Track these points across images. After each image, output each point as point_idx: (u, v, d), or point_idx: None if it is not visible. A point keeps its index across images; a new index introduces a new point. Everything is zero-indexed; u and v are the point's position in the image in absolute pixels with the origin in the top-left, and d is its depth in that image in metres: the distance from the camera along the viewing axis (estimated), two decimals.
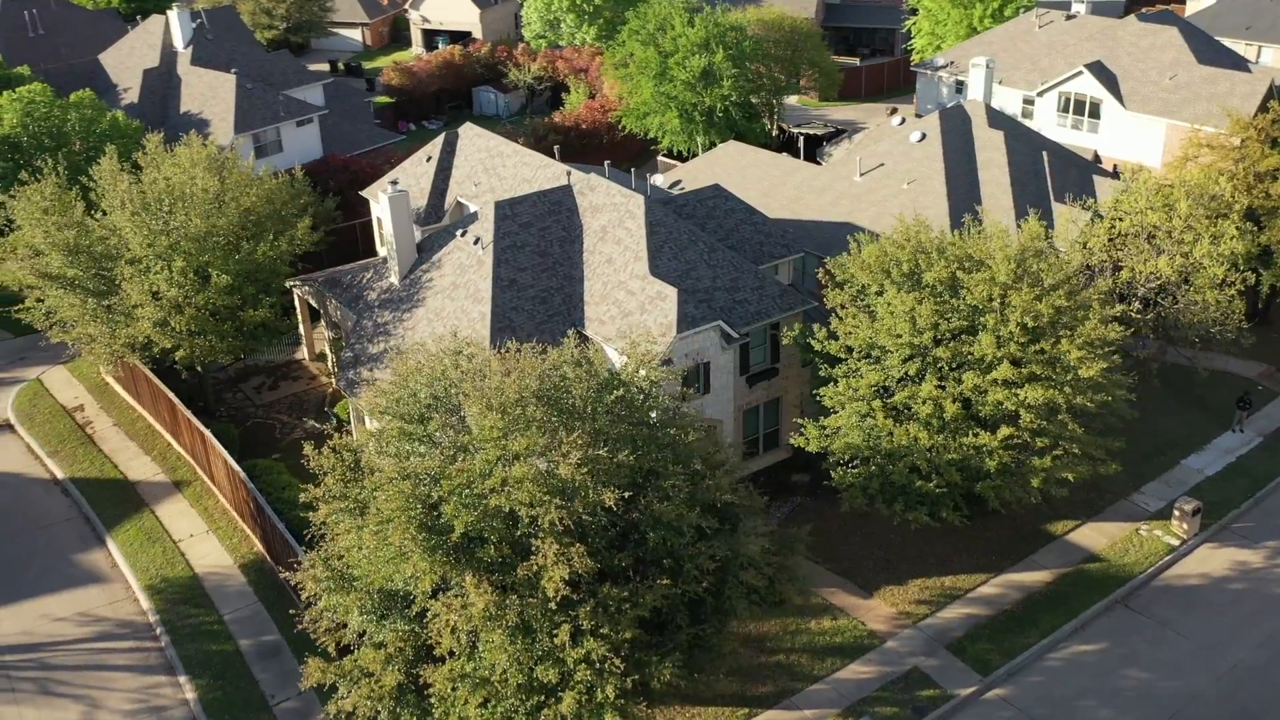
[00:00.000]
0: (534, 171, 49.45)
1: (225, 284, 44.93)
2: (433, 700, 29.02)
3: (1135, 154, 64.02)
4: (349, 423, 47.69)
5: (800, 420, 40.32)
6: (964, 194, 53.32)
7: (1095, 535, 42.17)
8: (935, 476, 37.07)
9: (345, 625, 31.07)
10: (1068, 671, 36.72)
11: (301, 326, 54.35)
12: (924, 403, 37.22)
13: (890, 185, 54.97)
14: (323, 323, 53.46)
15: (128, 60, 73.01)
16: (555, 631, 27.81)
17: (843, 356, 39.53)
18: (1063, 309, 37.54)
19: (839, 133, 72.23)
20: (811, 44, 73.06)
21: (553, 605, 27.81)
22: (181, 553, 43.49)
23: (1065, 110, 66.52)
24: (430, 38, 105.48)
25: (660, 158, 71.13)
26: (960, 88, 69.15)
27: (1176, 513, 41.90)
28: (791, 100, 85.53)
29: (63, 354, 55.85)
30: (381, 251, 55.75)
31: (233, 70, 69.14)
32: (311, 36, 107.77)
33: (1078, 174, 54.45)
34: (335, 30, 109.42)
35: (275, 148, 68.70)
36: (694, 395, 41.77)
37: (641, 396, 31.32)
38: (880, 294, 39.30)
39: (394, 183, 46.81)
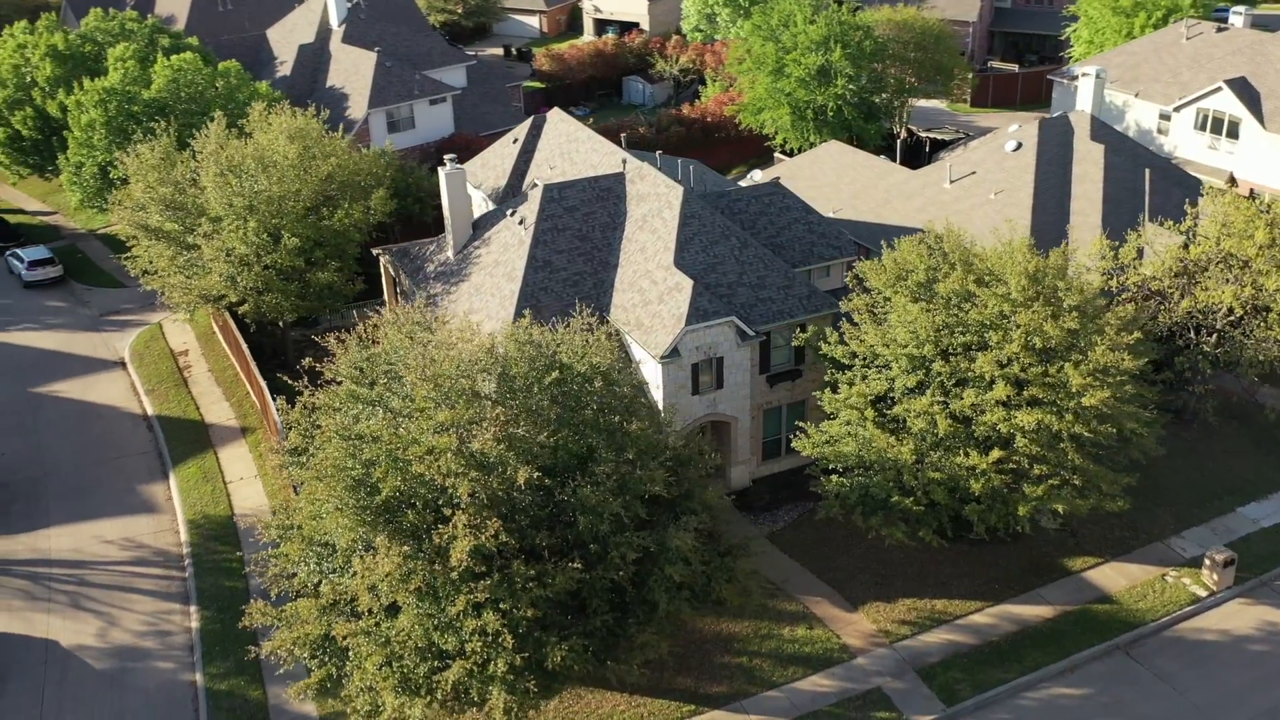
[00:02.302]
0: (601, 158, 50.13)
1: (294, 245, 47.72)
2: (350, 655, 30.34)
3: (1276, 179, 59.01)
4: None
5: (802, 424, 39.60)
6: (1052, 208, 50.76)
7: (1115, 576, 39.61)
8: (919, 494, 35.77)
9: (295, 574, 32.79)
10: (1040, 713, 34.83)
11: (386, 292, 56.88)
12: (917, 416, 35.98)
13: (978, 194, 52.90)
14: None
15: (289, 35, 77.91)
16: (456, 600, 28.59)
17: (849, 363, 38.61)
18: (1077, 332, 35.49)
19: (967, 138, 69.65)
20: (944, 47, 70.57)
21: (455, 575, 28.59)
22: (228, 493, 46.57)
23: (1202, 128, 61.91)
24: (601, 27, 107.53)
25: (776, 154, 70.49)
26: None
27: (1207, 562, 38.88)
28: (939, 105, 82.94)
29: None
30: None
31: (376, 49, 72.67)
32: (490, 21, 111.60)
33: (1182, 195, 50.85)
34: (515, 16, 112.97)
35: (408, 124, 71.90)
36: (706, 389, 41.67)
37: (580, 381, 31.53)
38: (889, 301, 38.15)
39: (453, 158, 48.42)
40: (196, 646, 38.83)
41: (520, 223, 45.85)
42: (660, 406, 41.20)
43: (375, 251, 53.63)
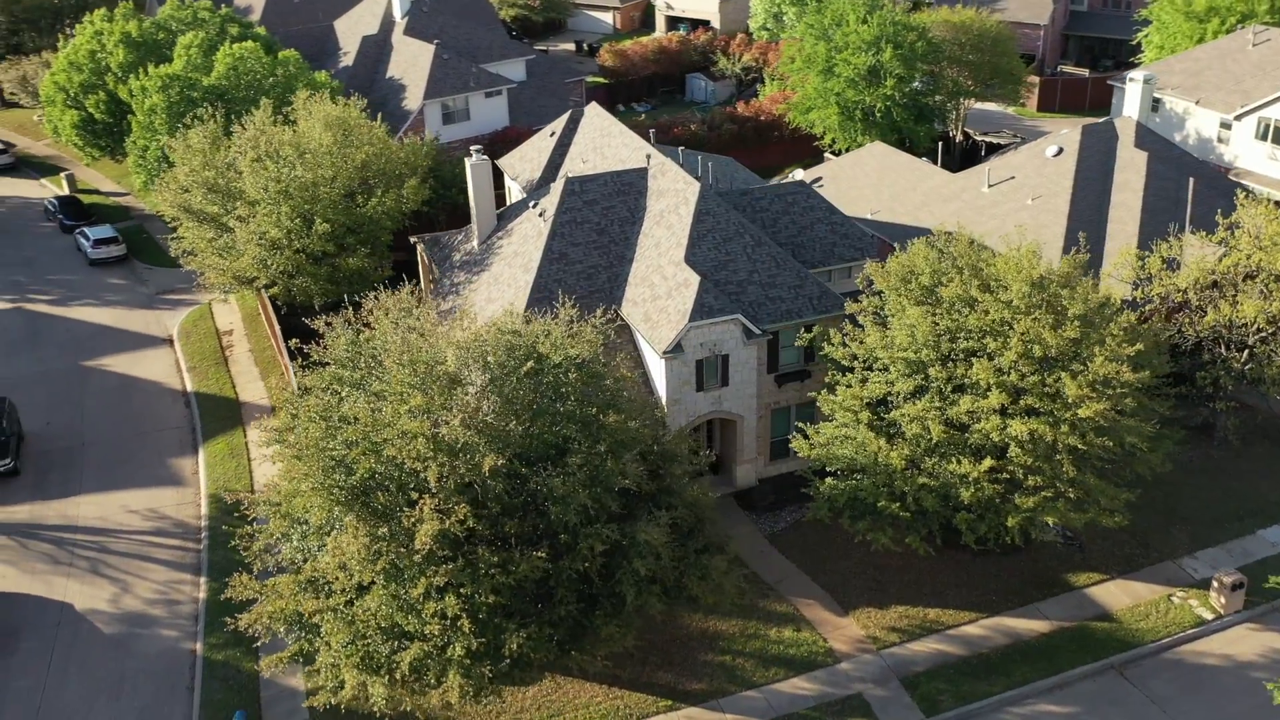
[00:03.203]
0: (631, 153, 50.26)
1: (324, 231, 48.81)
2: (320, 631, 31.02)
3: None
4: None
5: (802, 424, 39.31)
6: (1089, 216, 49.52)
7: (1119, 593, 38.57)
8: (909, 500, 35.28)
9: (280, 550, 33.61)
10: None
11: (422, 279, 57.82)
12: (912, 421, 35.49)
13: (1015, 199, 51.85)
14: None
15: (354, 27, 79.50)
16: (418, 582, 29.04)
17: (851, 365, 38.21)
18: (1080, 342, 34.64)
19: (1022, 143, 68.15)
20: (1002, 50, 69.09)
21: (418, 558, 29.04)
22: (250, 469, 47.84)
23: (1264, 138, 59.60)
24: (673, 24, 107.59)
25: (827, 154, 69.85)
26: (1156, 105, 63.50)
27: (1215, 584, 37.63)
28: (1004, 109, 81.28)
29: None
30: None
31: (435, 41, 73.74)
32: (563, 17, 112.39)
33: (1230, 206, 49.14)
34: (589, 12, 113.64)
35: (462, 116, 72.80)
36: (711, 386, 41.59)
37: (557, 371, 31.71)
38: (882, 303, 37.68)
39: (478, 149, 49.00)
40: (201, 616, 39.99)
41: (541, 215, 46.27)
42: (663, 401, 41.35)
43: (413, 240, 54.55)
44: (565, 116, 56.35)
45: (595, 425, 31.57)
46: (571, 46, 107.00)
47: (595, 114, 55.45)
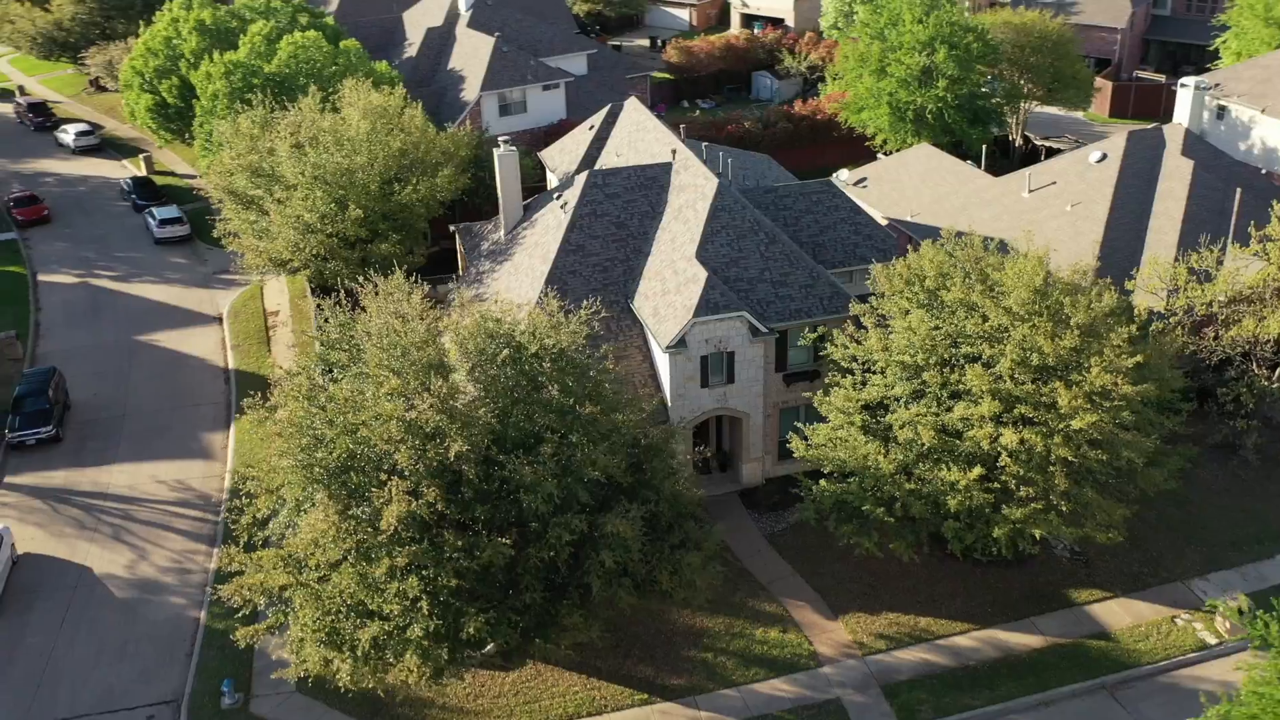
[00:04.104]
0: (661, 148, 50.19)
1: (357, 216, 49.79)
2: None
3: None
4: None
5: (801, 425, 38.96)
6: (1128, 224, 48.13)
7: (1120, 612, 37.47)
8: (895, 506, 34.76)
9: (268, 524, 34.44)
10: None
11: (460, 266, 58.61)
12: (904, 426, 34.96)
13: (1054, 205, 50.63)
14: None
15: (421, 19, 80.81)
16: (381, 562, 29.55)
17: (851, 367, 37.76)
18: (1081, 351, 33.75)
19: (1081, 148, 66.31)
20: (1064, 53, 67.20)
21: (383, 538, 29.54)
22: None
23: None
24: (748, 21, 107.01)
25: (880, 155, 68.85)
26: (1222, 112, 61.22)
27: (1221, 608, 36.30)
28: (1076, 114, 79.16)
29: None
30: None
31: (496, 34, 74.57)
32: (638, 13, 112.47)
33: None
34: (666, 9, 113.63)
35: (519, 108, 73.53)
36: (716, 382, 41.45)
37: (534, 361, 31.92)
38: (887, 305, 37.13)
39: (506, 140, 49.46)
40: (209, 586, 41.16)
41: (563, 206, 46.57)
42: (667, 396, 41.36)
43: (452, 228, 55.40)
44: (604, 111, 56.60)
45: (571, 416, 31.73)
46: (646, 42, 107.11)
47: (633, 109, 55.56)
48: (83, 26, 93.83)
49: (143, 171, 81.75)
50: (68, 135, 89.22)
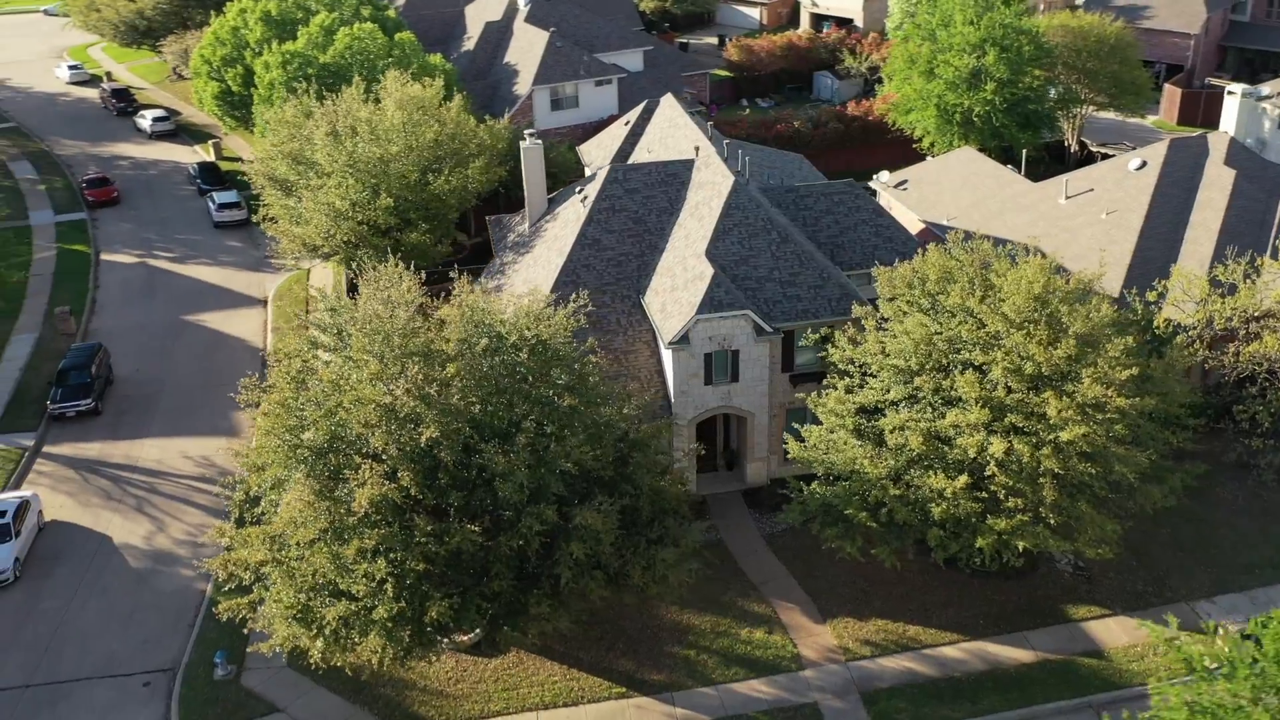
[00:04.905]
0: (689, 144, 50.22)
1: (387, 205, 50.64)
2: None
3: None
4: None
5: (797, 425, 38.65)
6: (1163, 234, 46.81)
7: (1117, 631, 36.49)
8: (881, 511, 34.33)
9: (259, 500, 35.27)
10: None
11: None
12: (894, 431, 34.51)
13: (1089, 213, 49.46)
14: None
15: (481, 12, 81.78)
16: (351, 543, 30.08)
17: (849, 370, 37.36)
18: (1078, 360, 32.95)
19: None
20: (1123, 58, 65.34)
21: (351, 520, 30.06)
22: None
23: None
24: (818, 21, 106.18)
25: (929, 157, 67.82)
26: None
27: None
28: (1145, 121, 77.07)
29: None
30: None
31: (550, 29, 75.12)
32: (706, 10, 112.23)
33: None
34: (736, 7, 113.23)
35: (571, 103, 73.99)
36: (720, 380, 41.32)
37: (512, 351, 32.17)
38: (888, 309, 36.65)
39: (531, 133, 49.84)
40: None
41: (583, 200, 46.81)
42: (671, 392, 41.36)
43: (488, 220, 56.00)
44: (640, 107, 56.72)
45: (549, 406, 31.94)
46: (715, 40, 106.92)
47: (668, 106, 55.59)
48: (163, 15, 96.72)
49: (212, 157, 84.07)
50: (145, 120, 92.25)
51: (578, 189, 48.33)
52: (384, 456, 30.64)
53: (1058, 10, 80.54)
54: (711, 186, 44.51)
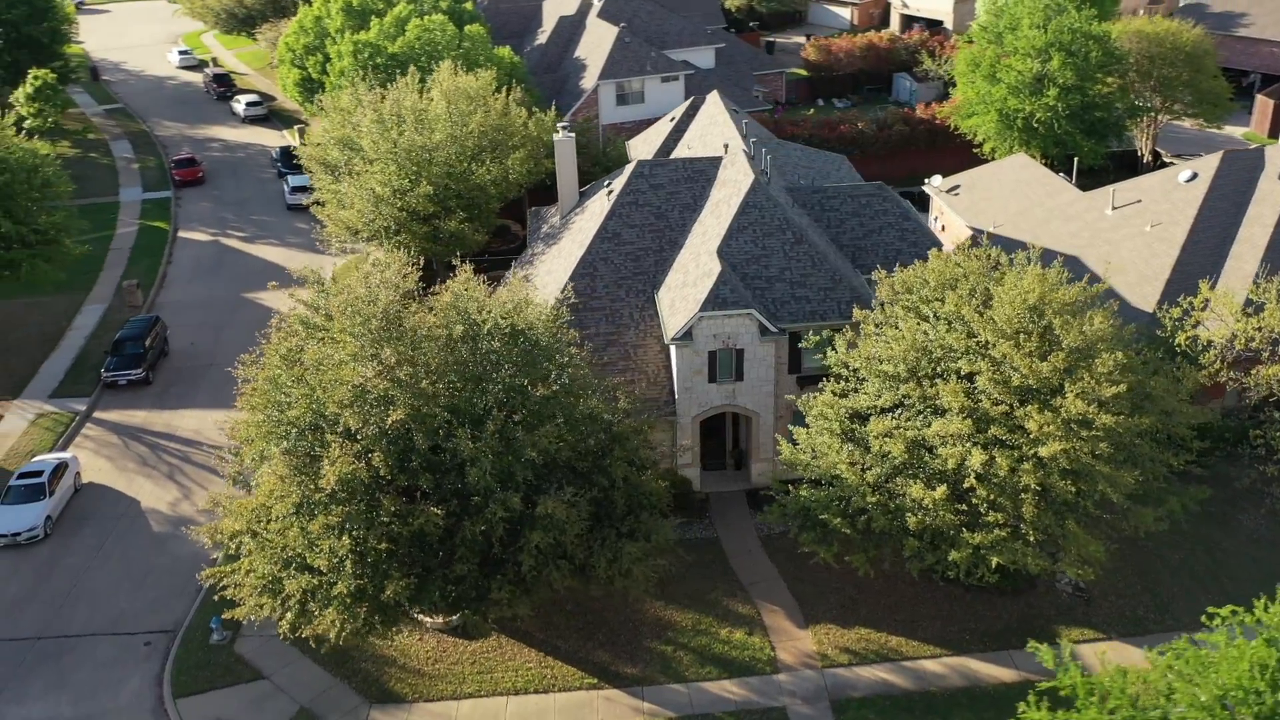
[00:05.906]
0: (723, 142, 50.09)
1: (427, 192, 51.62)
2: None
3: None
4: None
5: (792, 427, 38.26)
6: (1207, 249, 45.04)
7: (1112, 654, 35.12)
8: (859, 517, 33.81)
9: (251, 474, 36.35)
10: None
11: None
12: (876, 437, 33.96)
13: (1134, 225, 47.83)
14: None
15: (557, 7, 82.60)
16: (317, 519, 30.87)
17: (843, 373, 36.86)
18: (1071, 373, 32.00)
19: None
20: (1198, 66, 62.69)
21: (321, 496, 30.84)
22: None
23: None
24: (908, 22, 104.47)
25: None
26: None
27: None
28: (1236, 132, 73.98)
29: None
30: None
31: (620, 24, 75.48)
32: (795, 9, 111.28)
33: None
34: (827, 7, 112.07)
35: (636, 98, 74.27)
36: (725, 379, 41.16)
37: (487, 339, 32.56)
38: (885, 314, 36.04)
39: (564, 125, 50.20)
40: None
41: (609, 194, 47.04)
42: (675, 387, 41.35)
43: (529, 210, 56.69)
44: (687, 103, 56.72)
45: (521, 395, 32.27)
46: (804, 39, 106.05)
47: (713, 103, 55.45)
48: (261, 3, 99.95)
49: (297, 142, 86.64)
50: (239, 105, 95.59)
51: (606, 183, 48.59)
52: (359, 436, 31.36)
53: (1155, 15, 77.87)
54: (733, 184, 44.32)
